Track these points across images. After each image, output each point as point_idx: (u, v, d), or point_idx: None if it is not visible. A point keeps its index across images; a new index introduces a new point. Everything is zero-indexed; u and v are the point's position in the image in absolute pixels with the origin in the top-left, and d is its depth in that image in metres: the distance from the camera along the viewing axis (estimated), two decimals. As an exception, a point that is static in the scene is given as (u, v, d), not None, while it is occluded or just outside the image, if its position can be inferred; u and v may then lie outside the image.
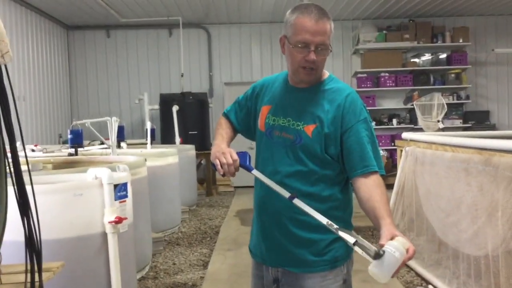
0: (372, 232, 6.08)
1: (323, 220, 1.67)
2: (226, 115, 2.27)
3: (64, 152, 6.07)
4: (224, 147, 1.96)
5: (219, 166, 1.88)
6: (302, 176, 1.87)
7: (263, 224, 2.00)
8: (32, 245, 1.74)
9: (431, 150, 4.70)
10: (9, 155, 1.75)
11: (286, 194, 1.75)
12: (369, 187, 1.78)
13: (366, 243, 1.57)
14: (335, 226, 1.65)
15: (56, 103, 9.84)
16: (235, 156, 1.88)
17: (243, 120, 2.20)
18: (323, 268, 1.90)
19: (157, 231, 5.84)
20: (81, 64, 10.69)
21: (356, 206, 1.88)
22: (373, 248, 1.54)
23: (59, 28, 10.21)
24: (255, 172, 1.87)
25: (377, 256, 1.51)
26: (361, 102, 1.89)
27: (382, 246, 1.55)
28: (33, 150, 6.49)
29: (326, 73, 1.99)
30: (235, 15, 9.98)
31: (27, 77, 8.58)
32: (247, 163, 1.90)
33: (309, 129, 1.86)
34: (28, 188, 1.77)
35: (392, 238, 1.57)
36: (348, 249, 1.90)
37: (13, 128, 1.70)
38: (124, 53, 10.67)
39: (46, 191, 2.89)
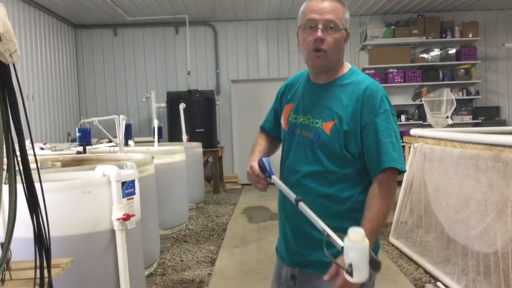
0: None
1: (321, 225, 1.55)
2: (261, 128, 2.18)
3: (72, 150, 6.10)
4: (250, 165, 1.91)
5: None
6: (319, 176, 1.81)
7: (283, 225, 1.98)
8: (41, 242, 1.75)
9: (439, 146, 4.67)
10: (18, 153, 1.76)
11: (293, 197, 1.68)
12: (370, 193, 1.74)
13: None
14: (329, 232, 1.52)
15: (64, 101, 9.89)
16: (256, 170, 1.86)
17: (275, 125, 2.10)
18: None
19: (165, 228, 5.86)
20: (89, 63, 10.73)
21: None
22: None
23: (67, 27, 10.25)
24: (274, 178, 1.83)
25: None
26: (383, 93, 1.78)
27: None
28: (42, 149, 6.53)
29: (348, 66, 1.90)
30: (242, 12, 9.97)
31: (35, 76, 8.62)
32: (267, 168, 1.86)
33: (328, 126, 1.78)
34: (36, 185, 1.78)
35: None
36: (377, 244, 1.85)
37: (22, 126, 1.71)
38: (131, 51, 10.69)
39: (54, 189, 2.91)
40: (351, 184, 1.79)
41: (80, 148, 5.60)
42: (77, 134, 5.47)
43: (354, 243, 1.40)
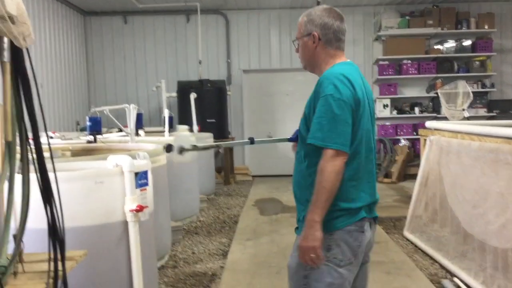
0: (394, 223, 5.97)
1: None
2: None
3: (82, 139, 6.05)
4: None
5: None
6: (298, 156, 2.19)
7: None
8: (55, 233, 1.69)
9: (457, 139, 4.56)
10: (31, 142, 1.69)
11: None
12: None
13: None
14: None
15: (73, 90, 9.84)
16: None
17: None
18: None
19: (176, 219, 5.80)
20: (98, 51, 10.66)
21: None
22: None
23: (76, 14, 10.18)
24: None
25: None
26: (331, 81, 1.97)
27: None
28: (51, 137, 6.48)
29: (334, 63, 2.13)
30: (254, 0, 9.84)
31: (44, 64, 8.57)
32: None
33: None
34: (50, 175, 1.72)
35: None
36: (339, 220, 2.02)
37: (35, 114, 1.64)
38: (141, 39, 10.61)
39: (67, 179, 2.84)
40: (315, 162, 1.99)
41: (91, 137, 5.54)
42: (88, 123, 5.41)
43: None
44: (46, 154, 1.76)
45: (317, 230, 1.93)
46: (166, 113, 7.54)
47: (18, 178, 1.65)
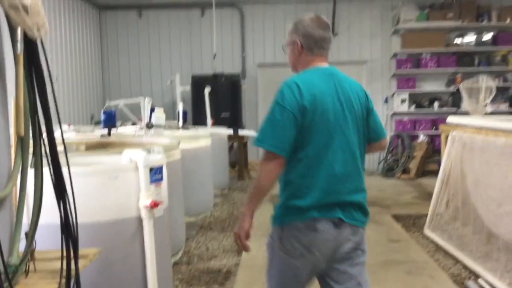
0: (413, 221, 5.83)
1: None
2: None
3: (96, 133, 5.99)
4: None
5: None
6: None
7: None
8: (68, 231, 1.60)
9: (481, 135, 4.42)
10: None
11: None
12: None
13: None
14: None
15: (88, 83, 9.82)
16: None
17: None
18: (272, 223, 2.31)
19: (190, 215, 5.73)
20: (113, 45, 10.62)
21: (397, 194, 1.70)
22: None
23: (92, 9, 10.14)
24: None
25: None
26: (281, 87, 2.19)
27: None
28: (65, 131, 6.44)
29: (304, 71, 2.29)
30: (270, -6, 9.72)
31: (59, 58, 8.54)
32: None
33: None
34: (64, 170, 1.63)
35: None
36: (287, 216, 2.20)
37: (49, 108, 1.55)
38: (155, 33, 10.54)
39: (80, 173, 2.76)
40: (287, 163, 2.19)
41: (105, 131, 5.48)
42: (102, 117, 5.35)
43: None
44: (60, 149, 1.68)
45: (245, 221, 2.23)
46: (180, 107, 7.48)
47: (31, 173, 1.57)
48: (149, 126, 3.83)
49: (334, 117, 2.16)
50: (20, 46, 1.42)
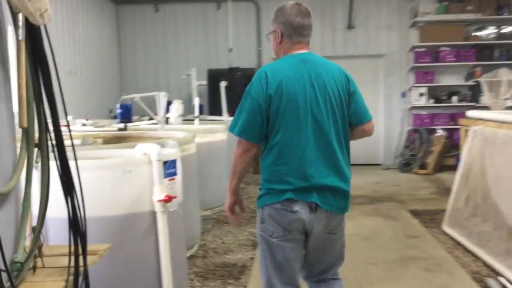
0: (431, 216, 5.73)
1: None
2: None
3: (114, 126, 6.00)
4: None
5: None
6: None
7: None
8: (76, 227, 1.57)
9: (503, 130, 4.30)
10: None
11: None
12: None
13: None
14: None
15: (106, 77, 9.86)
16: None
17: None
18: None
19: (205, 208, 5.70)
20: (130, 39, 10.64)
21: (414, 189, 1.65)
22: None
23: (109, 3, 10.16)
24: None
25: None
26: (254, 76, 2.31)
27: None
28: (84, 125, 6.47)
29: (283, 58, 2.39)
30: (286, -13, 9.60)
31: (77, 52, 8.58)
32: None
33: None
34: (72, 164, 1.60)
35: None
36: (266, 197, 2.31)
37: (54, 97, 1.52)
38: (172, 27, 10.52)
39: (94, 167, 2.75)
40: (264, 148, 2.34)
41: (121, 125, 5.49)
42: (118, 111, 5.35)
43: None
44: (68, 142, 1.65)
45: (229, 197, 2.45)
46: (196, 101, 7.46)
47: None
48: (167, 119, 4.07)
49: (305, 103, 2.21)
50: (21, 33, 1.38)
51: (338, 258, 2.47)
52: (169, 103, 6.82)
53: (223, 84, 8.76)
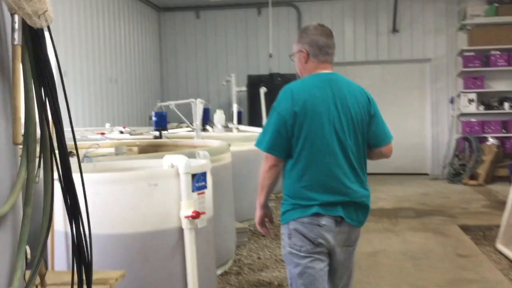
0: (484, 233, 5.33)
1: None
2: None
3: (151, 134, 5.92)
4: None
5: None
6: None
7: None
8: (81, 255, 1.40)
9: None
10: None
11: None
12: None
13: None
14: None
15: (146, 84, 9.89)
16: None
17: None
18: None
19: (241, 220, 5.50)
20: (171, 46, 10.66)
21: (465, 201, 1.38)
22: None
23: (151, 10, 10.22)
24: None
25: None
26: (280, 93, 2.34)
27: None
28: (121, 132, 6.43)
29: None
30: (328, -10, 9.38)
31: (118, 59, 8.62)
32: None
33: None
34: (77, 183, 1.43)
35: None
36: (291, 213, 2.32)
37: (58, 108, 1.35)
38: (213, 34, 10.48)
39: (117, 180, 2.61)
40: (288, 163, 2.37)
41: (157, 133, 5.38)
42: (153, 119, 5.25)
43: None
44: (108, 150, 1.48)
45: (258, 211, 2.48)
46: (235, 108, 7.32)
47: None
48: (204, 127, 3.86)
49: (328, 121, 2.27)
50: (17, 36, 1.22)
51: (349, 275, 2.52)
52: (206, 110, 6.70)
53: (262, 91, 8.59)
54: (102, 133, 5.69)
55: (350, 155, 2.30)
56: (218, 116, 7.00)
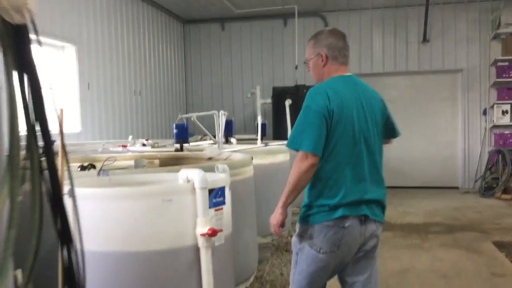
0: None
1: None
2: None
3: (174, 147, 5.82)
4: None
5: None
6: None
7: None
8: (73, 282, 1.26)
9: None
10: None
11: None
12: None
13: None
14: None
15: (171, 97, 9.85)
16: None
17: None
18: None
19: (265, 235, 5.32)
20: (196, 58, 10.62)
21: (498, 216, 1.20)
22: None
23: (176, 22, 10.21)
24: None
25: None
26: (310, 93, 2.33)
27: None
28: (143, 145, 6.35)
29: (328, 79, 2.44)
30: (356, 0, 9.19)
31: (143, 72, 8.60)
32: None
33: None
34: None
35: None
36: (316, 216, 2.33)
37: (45, 116, 1.21)
38: (238, 45, 10.40)
39: (130, 195, 2.48)
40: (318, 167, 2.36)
41: (178, 145, 5.28)
42: (174, 131, 5.15)
43: None
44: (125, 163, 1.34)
45: (279, 213, 2.40)
46: (259, 120, 7.16)
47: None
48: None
49: (358, 122, 2.32)
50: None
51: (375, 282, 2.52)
52: (229, 122, 6.57)
53: (288, 103, 8.43)
54: (124, 146, 5.61)
55: (374, 154, 2.38)
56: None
